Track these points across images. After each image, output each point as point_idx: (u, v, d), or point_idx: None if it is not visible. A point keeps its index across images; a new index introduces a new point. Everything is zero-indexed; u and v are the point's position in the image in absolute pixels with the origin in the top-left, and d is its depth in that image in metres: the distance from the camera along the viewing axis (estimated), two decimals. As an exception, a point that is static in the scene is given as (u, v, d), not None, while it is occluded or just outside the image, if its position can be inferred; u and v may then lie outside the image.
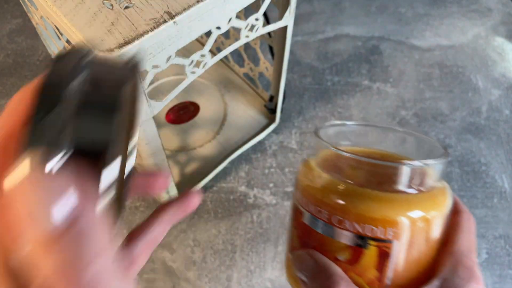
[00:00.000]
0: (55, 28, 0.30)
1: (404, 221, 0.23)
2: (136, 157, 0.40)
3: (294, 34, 0.65)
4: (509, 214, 0.51)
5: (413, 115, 0.58)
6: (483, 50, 0.64)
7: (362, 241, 0.23)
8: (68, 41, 0.41)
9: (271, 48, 0.47)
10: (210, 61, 0.31)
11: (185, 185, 0.49)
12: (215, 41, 0.54)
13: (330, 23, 0.67)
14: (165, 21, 0.25)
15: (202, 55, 0.30)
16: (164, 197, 0.46)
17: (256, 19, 0.33)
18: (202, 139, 0.53)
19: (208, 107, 0.55)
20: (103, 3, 0.26)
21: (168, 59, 0.28)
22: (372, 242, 0.23)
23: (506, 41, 0.65)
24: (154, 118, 0.32)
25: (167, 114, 0.54)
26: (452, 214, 0.25)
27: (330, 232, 0.24)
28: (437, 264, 0.23)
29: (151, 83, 0.55)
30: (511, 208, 0.52)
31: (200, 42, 0.59)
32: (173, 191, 0.46)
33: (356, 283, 0.23)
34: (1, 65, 0.60)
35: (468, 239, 0.23)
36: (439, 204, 0.24)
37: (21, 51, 0.62)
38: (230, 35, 0.51)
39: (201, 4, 0.26)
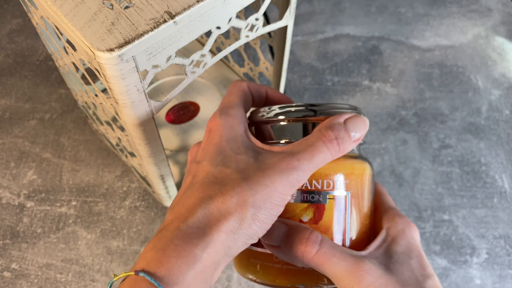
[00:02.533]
0: (55, 28, 0.30)
1: (355, 172, 0.27)
2: (136, 157, 0.40)
3: (294, 34, 0.65)
4: (509, 214, 0.51)
5: (413, 115, 0.58)
6: (483, 50, 0.64)
7: (322, 197, 0.26)
8: (68, 41, 0.41)
9: (271, 48, 0.47)
10: (210, 61, 0.31)
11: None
12: (215, 41, 0.54)
13: (330, 23, 0.67)
14: (165, 21, 0.25)
15: (202, 55, 0.30)
16: (167, 200, 0.46)
17: (256, 19, 0.33)
18: (202, 139, 0.53)
19: (208, 107, 0.55)
20: (103, 3, 0.26)
21: (168, 59, 0.28)
22: (330, 196, 0.26)
23: (506, 41, 0.65)
24: (154, 118, 0.32)
25: (167, 114, 0.54)
26: None
27: (292, 196, 0.26)
28: (377, 221, 0.29)
29: (151, 83, 0.56)
30: (511, 208, 0.52)
31: (200, 42, 0.59)
32: (173, 191, 0.46)
33: None
34: (1, 65, 0.60)
35: (390, 199, 0.31)
36: (366, 164, 0.28)
37: (21, 51, 0.62)
38: (230, 35, 0.51)
39: (201, 4, 0.26)
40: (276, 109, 0.29)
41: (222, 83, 0.57)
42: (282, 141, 0.28)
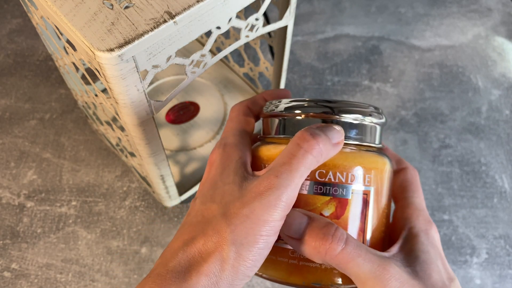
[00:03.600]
0: (55, 28, 0.30)
1: (378, 167, 0.26)
2: (136, 157, 0.40)
3: (294, 34, 0.65)
4: (509, 214, 0.51)
5: (413, 115, 0.58)
6: (483, 50, 0.64)
7: (345, 190, 0.25)
8: (68, 41, 0.41)
9: (271, 48, 0.47)
10: (210, 61, 0.31)
11: (185, 185, 0.49)
12: (215, 41, 0.54)
13: (330, 23, 0.67)
14: (165, 21, 0.25)
15: (202, 55, 0.30)
16: (167, 200, 0.46)
17: (256, 19, 0.33)
18: (202, 139, 0.53)
19: (208, 107, 0.55)
20: (103, 3, 0.26)
21: (168, 59, 0.28)
22: (354, 190, 0.25)
23: (506, 41, 0.65)
24: (154, 118, 0.32)
25: (167, 114, 0.54)
26: (398, 170, 0.30)
27: (314, 188, 0.25)
28: (398, 219, 0.27)
29: (151, 83, 0.55)
30: (511, 208, 0.52)
31: (200, 42, 0.59)
32: (173, 191, 0.46)
33: None
34: (1, 65, 0.60)
35: (420, 195, 0.28)
36: (387, 160, 0.27)
37: (21, 51, 0.62)
38: (230, 35, 0.51)
39: (201, 4, 0.26)
40: (284, 103, 0.27)
41: (222, 83, 0.57)
42: (280, 137, 0.27)
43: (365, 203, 0.25)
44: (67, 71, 0.41)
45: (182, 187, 0.49)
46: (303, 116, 0.26)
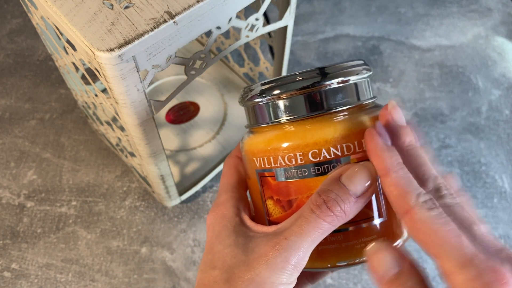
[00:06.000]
0: (55, 28, 0.30)
1: (376, 115, 0.24)
2: (136, 157, 0.40)
3: (294, 34, 0.65)
4: (509, 214, 0.51)
5: (413, 115, 0.58)
6: (483, 50, 0.64)
7: (343, 162, 0.23)
8: (68, 41, 0.41)
9: (271, 48, 0.47)
10: (210, 61, 0.31)
11: (185, 185, 0.49)
12: (215, 41, 0.54)
13: (330, 23, 0.67)
14: (165, 21, 0.25)
15: (202, 55, 0.30)
16: (167, 200, 0.46)
17: (256, 19, 0.33)
18: (202, 139, 0.53)
19: (208, 107, 0.55)
20: (103, 3, 0.26)
21: (168, 59, 0.28)
22: (353, 159, 0.23)
23: (506, 41, 0.65)
24: (154, 118, 0.32)
25: (167, 114, 0.54)
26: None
27: (311, 171, 0.23)
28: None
29: (151, 83, 0.55)
30: (511, 208, 0.52)
31: (200, 42, 0.59)
32: (173, 191, 0.46)
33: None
34: (1, 65, 0.60)
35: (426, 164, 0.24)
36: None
37: (21, 51, 0.62)
38: (230, 35, 0.51)
39: (201, 4, 0.26)
40: (259, 85, 0.25)
41: (222, 83, 0.57)
42: (284, 119, 0.24)
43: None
44: (67, 71, 0.41)
45: (182, 187, 0.49)
46: (282, 96, 0.24)
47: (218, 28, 0.30)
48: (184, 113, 0.54)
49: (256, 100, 0.25)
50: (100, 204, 0.50)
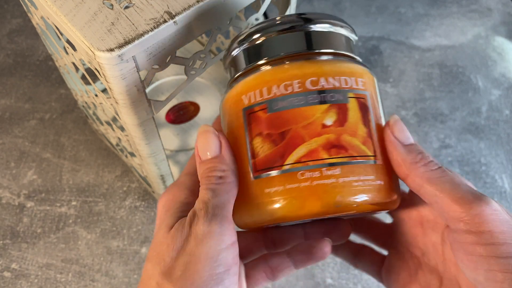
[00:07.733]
0: (55, 28, 0.30)
1: (368, 72, 0.25)
2: (136, 157, 0.40)
3: (294, 34, 0.65)
4: (509, 214, 0.51)
5: (413, 115, 0.58)
6: (483, 50, 0.64)
7: (342, 95, 0.23)
8: (68, 41, 0.41)
9: (271, 48, 0.47)
10: (210, 61, 0.31)
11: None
12: (215, 41, 0.54)
13: (330, 23, 0.67)
14: (165, 21, 0.25)
15: (202, 55, 0.30)
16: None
17: (256, 19, 0.33)
18: (202, 139, 0.53)
19: (208, 107, 0.55)
20: (103, 3, 0.26)
21: (168, 59, 0.28)
22: (351, 94, 0.23)
23: (506, 41, 0.65)
24: (154, 118, 0.32)
25: (167, 114, 0.54)
26: None
27: (308, 99, 0.23)
28: None
29: (151, 83, 0.55)
30: (511, 208, 0.52)
31: (200, 42, 0.59)
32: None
33: (354, 146, 0.23)
34: (1, 65, 0.60)
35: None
36: (373, 74, 0.27)
37: (21, 51, 0.62)
38: (230, 35, 0.51)
39: (201, 4, 0.26)
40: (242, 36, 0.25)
41: (222, 83, 0.57)
42: (261, 61, 0.25)
43: (365, 108, 0.24)
44: (67, 71, 0.41)
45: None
46: (272, 34, 0.25)
47: (218, 28, 0.30)
48: (184, 113, 0.54)
49: (255, 38, 0.25)
50: (100, 204, 0.50)
